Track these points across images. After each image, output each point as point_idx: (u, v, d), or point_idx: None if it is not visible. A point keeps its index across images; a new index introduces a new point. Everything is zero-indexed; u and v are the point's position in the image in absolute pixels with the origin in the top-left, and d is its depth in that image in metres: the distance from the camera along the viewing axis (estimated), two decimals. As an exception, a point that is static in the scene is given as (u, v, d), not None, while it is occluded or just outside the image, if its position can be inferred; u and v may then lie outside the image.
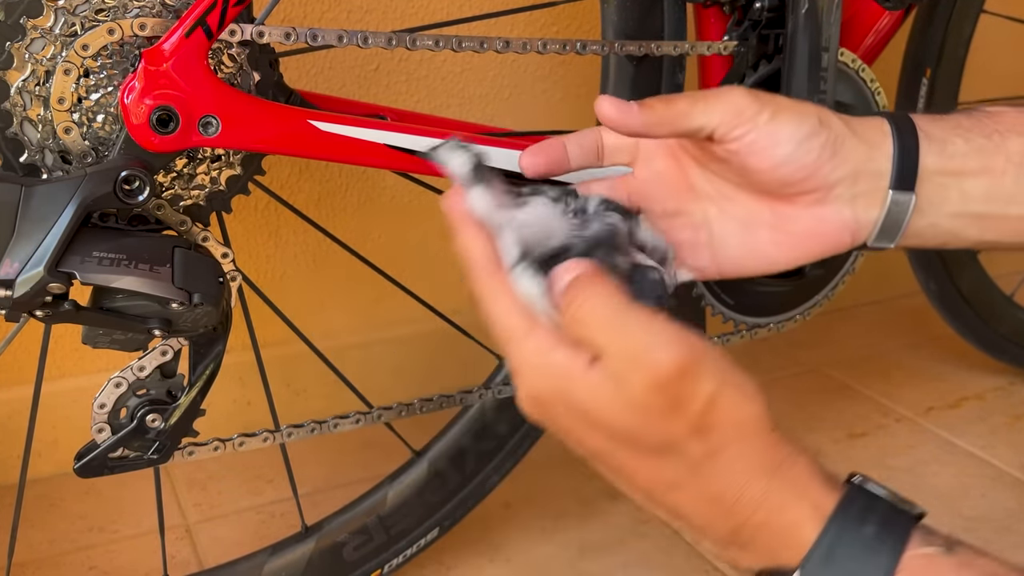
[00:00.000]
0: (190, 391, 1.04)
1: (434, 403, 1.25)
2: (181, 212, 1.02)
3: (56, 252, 0.87)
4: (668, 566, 1.49)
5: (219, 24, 0.93)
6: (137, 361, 1.03)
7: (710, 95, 0.82)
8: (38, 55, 0.93)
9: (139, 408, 1.03)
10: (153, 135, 0.93)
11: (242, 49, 1.00)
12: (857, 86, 1.25)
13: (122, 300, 0.92)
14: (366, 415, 1.20)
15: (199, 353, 1.04)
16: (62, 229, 0.88)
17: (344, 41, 1.03)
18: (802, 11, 1.15)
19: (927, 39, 1.74)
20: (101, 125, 0.96)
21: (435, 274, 1.83)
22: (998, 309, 1.98)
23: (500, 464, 1.43)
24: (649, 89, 1.29)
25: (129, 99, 0.92)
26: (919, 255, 1.89)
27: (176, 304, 0.93)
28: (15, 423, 1.54)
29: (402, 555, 1.36)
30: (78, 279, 0.89)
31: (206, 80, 0.95)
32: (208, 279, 0.97)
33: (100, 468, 1.04)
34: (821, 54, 1.17)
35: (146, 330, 0.94)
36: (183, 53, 0.93)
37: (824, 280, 1.32)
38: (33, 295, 0.87)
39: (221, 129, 0.96)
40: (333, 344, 1.62)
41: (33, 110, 0.94)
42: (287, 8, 1.55)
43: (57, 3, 0.92)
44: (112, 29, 0.93)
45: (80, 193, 0.89)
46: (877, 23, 1.25)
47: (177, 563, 1.45)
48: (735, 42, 1.17)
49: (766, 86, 1.20)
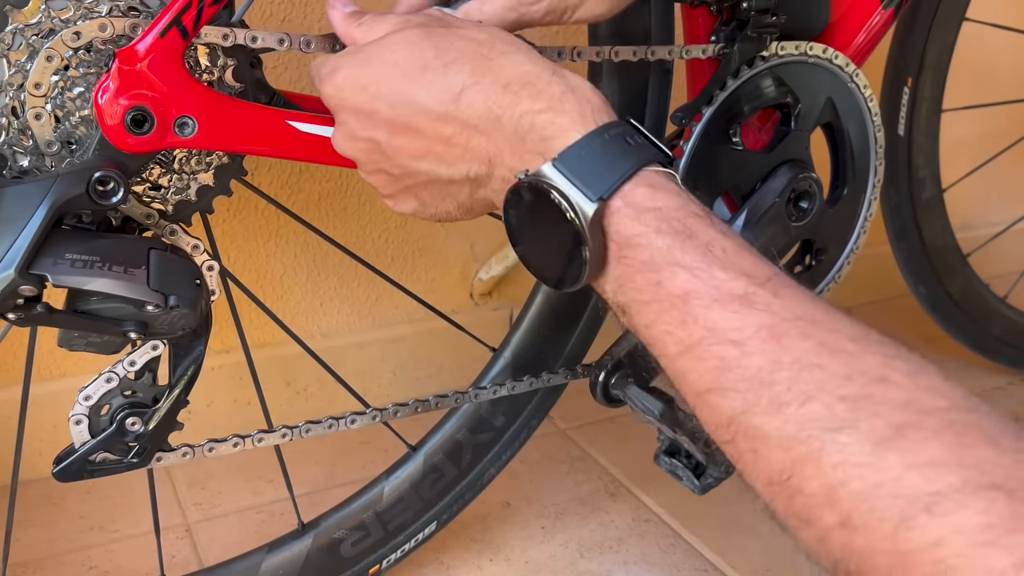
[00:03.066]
0: (170, 394, 1.03)
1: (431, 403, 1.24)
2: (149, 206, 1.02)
3: (27, 254, 0.86)
4: (668, 565, 1.49)
5: (195, 24, 0.92)
6: (128, 356, 1.02)
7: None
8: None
9: (120, 410, 1.02)
10: (128, 136, 0.92)
11: (220, 48, 0.99)
12: (849, 92, 1.24)
13: (96, 303, 0.91)
14: (339, 420, 1.19)
15: (179, 355, 1.03)
16: (33, 231, 0.86)
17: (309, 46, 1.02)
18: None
19: (908, 48, 1.74)
20: (75, 124, 0.95)
21: (434, 274, 1.84)
22: (990, 311, 1.98)
23: (497, 456, 1.43)
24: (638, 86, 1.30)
25: (103, 99, 0.91)
26: (908, 259, 1.90)
27: (151, 307, 0.92)
28: (15, 423, 1.54)
29: (400, 550, 1.37)
30: (50, 281, 0.88)
31: (182, 80, 0.93)
32: (184, 281, 0.96)
33: (80, 472, 1.03)
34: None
35: (122, 333, 0.93)
36: (158, 53, 0.91)
37: (811, 284, 1.31)
38: (4, 297, 0.86)
39: (197, 130, 0.95)
40: (332, 344, 1.63)
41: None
42: (272, 7, 1.54)
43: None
44: (104, 25, 0.92)
45: (52, 194, 0.88)
46: (868, 22, 1.23)
47: (177, 562, 1.45)
48: (722, 44, 1.16)
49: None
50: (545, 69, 0.85)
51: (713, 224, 0.78)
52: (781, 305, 0.72)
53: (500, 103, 0.84)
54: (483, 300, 1.90)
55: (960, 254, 1.94)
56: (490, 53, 0.86)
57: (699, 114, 1.16)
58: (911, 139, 1.79)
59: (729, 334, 0.72)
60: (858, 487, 0.63)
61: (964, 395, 0.66)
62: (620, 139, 0.81)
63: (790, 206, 1.22)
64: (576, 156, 0.80)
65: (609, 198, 0.79)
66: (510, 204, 0.85)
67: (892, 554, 0.61)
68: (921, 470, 0.61)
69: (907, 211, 1.85)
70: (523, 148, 0.84)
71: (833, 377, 0.67)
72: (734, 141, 1.19)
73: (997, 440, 0.62)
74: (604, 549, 1.52)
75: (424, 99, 0.86)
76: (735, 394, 0.71)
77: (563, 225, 0.80)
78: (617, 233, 0.79)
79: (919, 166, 1.82)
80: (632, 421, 1.81)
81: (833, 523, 0.65)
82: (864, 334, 0.71)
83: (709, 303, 0.73)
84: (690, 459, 1.21)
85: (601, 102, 0.84)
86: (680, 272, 0.75)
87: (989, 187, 2.30)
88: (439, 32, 0.88)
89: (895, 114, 1.77)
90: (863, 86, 1.24)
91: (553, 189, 0.80)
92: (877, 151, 1.28)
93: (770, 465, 0.70)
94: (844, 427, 0.65)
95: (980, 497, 0.59)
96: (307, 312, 1.74)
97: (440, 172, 0.89)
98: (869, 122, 1.26)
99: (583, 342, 1.42)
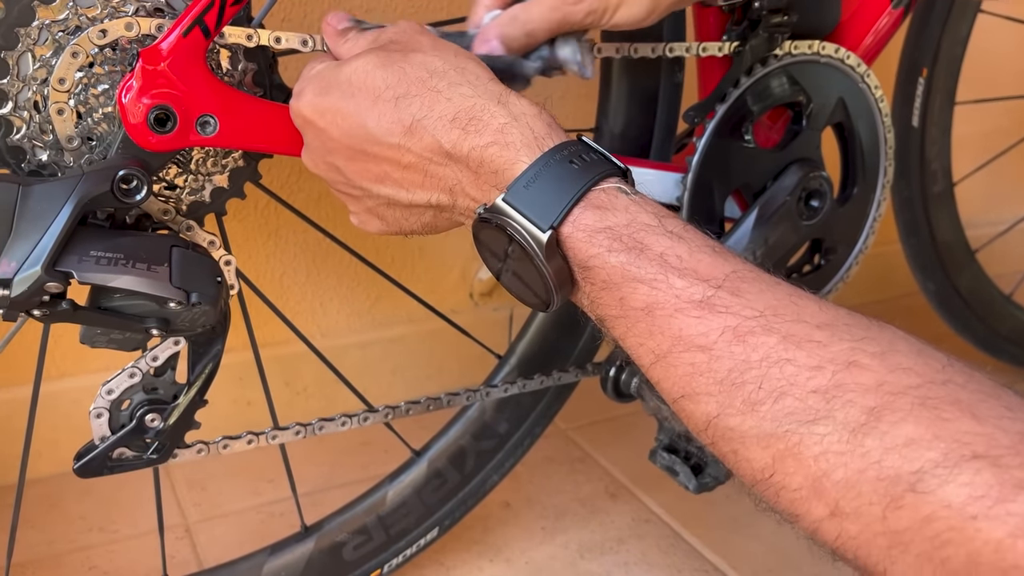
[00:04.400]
0: (189, 391, 1.04)
1: (439, 401, 1.24)
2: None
3: (53, 251, 0.86)
4: (668, 565, 1.49)
5: (217, 23, 0.93)
6: (150, 351, 1.03)
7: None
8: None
9: (139, 407, 1.03)
10: (151, 134, 0.92)
11: (241, 51, 1.00)
12: (860, 92, 1.25)
13: (120, 299, 0.92)
14: (352, 417, 1.19)
15: (198, 352, 1.04)
16: (59, 228, 0.87)
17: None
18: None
19: (924, 39, 1.74)
20: (97, 121, 0.95)
21: (434, 274, 1.84)
22: (997, 309, 1.99)
23: (500, 463, 1.43)
24: (649, 89, 1.30)
25: (127, 98, 0.92)
26: (917, 255, 1.90)
27: (174, 303, 0.92)
28: (14, 423, 1.53)
29: (402, 555, 1.36)
30: (75, 278, 0.89)
31: (204, 79, 0.94)
32: (206, 278, 0.96)
33: (100, 468, 1.03)
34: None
35: (144, 329, 0.94)
36: (181, 52, 0.92)
37: (819, 284, 1.32)
38: (30, 294, 0.86)
39: (219, 128, 0.96)
40: (332, 344, 1.63)
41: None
42: (287, 8, 1.54)
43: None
44: (130, 24, 0.93)
45: (78, 192, 0.88)
46: (877, 22, 1.24)
47: (177, 563, 1.45)
48: (736, 42, 1.17)
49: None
50: (490, 99, 0.86)
51: (665, 231, 0.79)
52: (742, 303, 0.73)
53: (449, 138, 0.86)
54: (483, 300, 1.90)
55: (968, 250, 1.94)
56: (439, 84, 0.87)
57: (712, 112, 1.17)
58: (925, 130, 1.79)
59: (696, 339, 0.74)
60: (842, 475, 0.65)
61: (938, 367, 0.66)
62: (565, 162, 0.82)
63: (801, 204, 1.22)
64: (524, 187, 0.82)
65: (559, 225, 0.80)
66: (477, 237, 0.88)
67: (887, 535, 0.62)
68: (900, 451, 0.62)
69: (918, 205, 1.85)
70: (479, 181, 0.86)
71: (803, 369, 0.68)
72: (746, 139, 1.20)
73: (975, 410, 0.62)
74: (604, 550, 1.52)
75: (376, 130, 0.89)
76: (708, 398, 0.73)
77: (525, 255, 0.82)
78: (575, 257, 0.81)
79: (931, 158, 1.82)
80: (633, 422, 1.83)
81: (823, 514, 0.66)
82: (831, 319, 0.72)
83: (672, 312, 0.75)
84: (690, 458, 1.21)
85: (545, 127, 0.86)
86: (639, 287, 0.77)
87: (992, 186, 2.31)
88: (396, 59, 0.90)
89: (909, 105, 1.77)
90: (874, 86, 1.25)
91: (508, 224, 0.82)
92: (887, 151, 1.29)
93: (751, 464, 0.71)
94: (820, 418, 0.66)
95: (964, 469, 0.59)
96: (307, 312, 1.74)
97: (400, 196, 0.92)
98: (879, 123, 1.27)
99: (589, 349, 1.43)
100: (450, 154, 0.86)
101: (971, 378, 0.66)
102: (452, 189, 0.89)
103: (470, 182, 0.87)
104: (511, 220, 0.82)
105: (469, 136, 0.85)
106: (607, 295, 0.80)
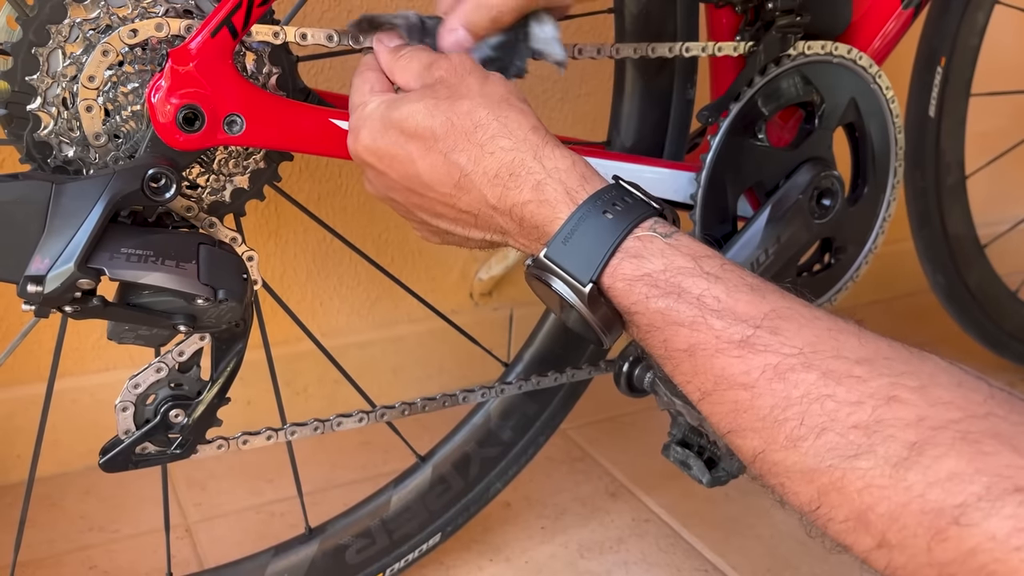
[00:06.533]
0: (212, 387, 1.05)
1: (458, 398, 1.25)
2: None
3: (86, 248, 0.87)
4: (668, 565, 1.50)
5: (244, 23, 0.94)
6: (176, 346, 1.04)
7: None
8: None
9: (164, 402, 1.04)
10: (179, 133, 0.94)
11: (264, 49, 1.00)
12: (872, 92, 1.26)
13: (148, 296, 0.93)
14: (369, 414, 1.20)
15: (221, 349, 1.05)
16: (92, 226, 0.88)
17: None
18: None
19: (942, 27, 1.74)
20: (125, 119, 0.96)
21: (435, 274, 1.84)
22: (1004, 306, 2.00)
23: (504, 471, 1.44)
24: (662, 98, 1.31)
25: (156, 98, 0.93)
26: (928, 247, 1.90)
27: (201, 300, 0.93)
28: (14, 423, 1.53)
29: (404, 559, 1.37)
30: (107, 275, 0.90)
31: (231, 79, 0.95)
32: (232, 275, 0.97)
33: (125, 463, 1.04)
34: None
35: (171, 325, 0.95)
36: (209, 53, 0.93)
37: (829, 283, 1.33)
38: (63, 291, 0.87)
39: (246, 127, 0.97)
40: (332, 343, 1.62)
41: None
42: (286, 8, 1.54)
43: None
44: (161, 24, 0.94)
45: (109, 190, 0.89)
46: (888, 22, 1.26)
47: (177, 563, 1.44)
48: (750, 42, 1.18)
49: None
50: (528, 153, 0.89)
51: (702, 272, 0.81)
52: (780, 341, 0.75)
53: (493, 193, 0.90)
54: (483, 300, 1.90)
55: (978, 245, 1.94)
56: (482, 138, 0.91)
57: (726, 111, 1.18)
58: (941, 121, 1.79)
59: (737, 378, 0.76)
60: (886, 508, 0.66)
61: (979, 400, 0.67)
62: (599, 213, 0.85)
63: (813, 203, 1.24)
64: (562, 243, 0.86)
65: (599, 278, 0.84)
66: (530, 283, 0.91)
67: (934, 566, 0.64)
68: (943, 485, 0.63)
69: (932, 196, 1.85)
70: (524, 231, 0.91)
71: (843, 405, 0.70)
72: (759, 138, 1.21)
73: (1016, 443, 0.64)
74: (604, 549, 1.53)
75: (429, 180, 0.93)
76: (753, 434, 0.75)
77: (571, 307, 0.86)
78: (619, 304, 0.85)
79: (946, 149, 1.82)
80: (633, 421, 1.83)
81: (871, 545, 0.68)
82: (871, 353, 0.73)
83: (713, 353, 0.78)
84: (703, 452, 1.22)
85: (579, 179, 0.88)
86: (680, 330, 0.80)
87: (996, 184, 2.31)
88: (443, 108, 0.92)
89: (926, 94, 1.77)
90: (885, 87, 1.27)
91: (553, 279, 0.87)
92: (897, 152, 1.30)
93: (799, 497, 0.73)
94: (862, 453, 0.68)
95: (1007, 502, 0.61)
96: (307, 312, 1.73)
97: (457, 231, 0.97)
98: (890, 123, 1.29)
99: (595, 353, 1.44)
100: (496, 208, 0.90)
101: (1012, 409, 0.67)
102: (504, 232, 0.93)
103: (517, 232, 0.92)
104: (554, 276, 0.86)
105: (510, 192, 0.89)
106: (651, 338, 0.83)
